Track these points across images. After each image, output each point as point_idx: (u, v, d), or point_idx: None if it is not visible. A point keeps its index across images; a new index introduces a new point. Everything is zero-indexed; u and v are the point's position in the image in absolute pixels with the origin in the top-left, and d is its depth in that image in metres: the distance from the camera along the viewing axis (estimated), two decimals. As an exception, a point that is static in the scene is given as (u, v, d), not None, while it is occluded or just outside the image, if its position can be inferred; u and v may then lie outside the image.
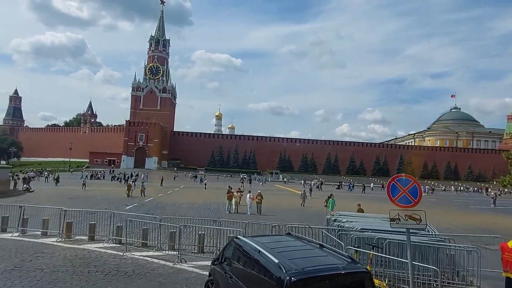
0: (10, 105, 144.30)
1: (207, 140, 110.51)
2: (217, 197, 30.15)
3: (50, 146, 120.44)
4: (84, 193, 29.63)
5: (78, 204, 21.61)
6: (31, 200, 23.99)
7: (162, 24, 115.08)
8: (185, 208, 20.85)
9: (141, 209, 19.87)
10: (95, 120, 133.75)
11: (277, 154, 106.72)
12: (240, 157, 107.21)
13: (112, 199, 24.99)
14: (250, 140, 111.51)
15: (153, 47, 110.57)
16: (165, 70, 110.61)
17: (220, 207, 22.06)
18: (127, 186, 28.17)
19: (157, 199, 26.18)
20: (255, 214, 19.48)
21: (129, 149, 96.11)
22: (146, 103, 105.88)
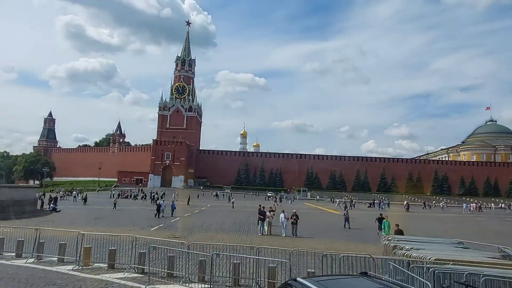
0: (44, 127, 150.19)
1: (232, 158, 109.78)
2: (246, 216, 28.49)
3: (81, 165, 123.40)
4: (109, 213, 28.80)
5: (103, 224, 20.56)
6: (57, 220, 23.26)
7: (188, 45, 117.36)
8: (214, 229, 19.29)
9: (167, 230, 18.50)
10: (124, 140, 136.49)
11: (304, 172, 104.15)
12: (266, 175, 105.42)
13: (138, 220, 23.84)
14: (276, 157, 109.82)
15: (179, 67, 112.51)
16: (191, 89, 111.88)
17: (251, 228, 20.34)
18: (157, 207, 26.65)
19: (184, 219, 24.82)
20: (290, 236, 17.63)
21: (156, 168, 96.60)
22: (172, 122, 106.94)
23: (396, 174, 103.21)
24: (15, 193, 25.93)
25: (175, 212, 27.27)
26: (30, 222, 22.31)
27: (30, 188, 30.20)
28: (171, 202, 29.66)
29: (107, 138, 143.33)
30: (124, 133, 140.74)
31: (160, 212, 25.69)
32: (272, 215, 18.71)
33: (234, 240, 15.58)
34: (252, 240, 16.24)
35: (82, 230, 18.56)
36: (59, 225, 20.54)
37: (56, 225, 20.72)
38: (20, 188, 27.99)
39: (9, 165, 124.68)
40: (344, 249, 11.50)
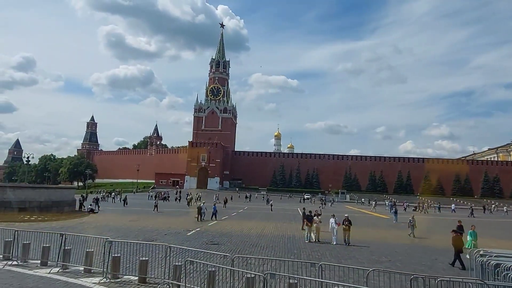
0: (87, 131, 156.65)
1: (268, 160, 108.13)
2: (287, 220, 26.58)
3: (120, 167, 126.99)
4: (146, 215, 27.99)
5: (137, 227, 19.51)
6: (93, 221, 22.62)
7: (222, 47, 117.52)
8: (255, 236, 17.54)
9: (204, 236, 17.00)
10: (161, 142, 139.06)
11: (342, 173, 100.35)
12: (302, 177, 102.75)
13: (175, 222, 22.62)
14: (312, 158, 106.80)
15: (214, 69, 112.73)
16: (226, 91, 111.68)
17: (296, 235, 18.40)
18: (197, 209, 24.80)
19: (221, 223, 23.30)
20: (342, 244, 15.53)
21: (191, 169, 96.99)
22: (207, 124, 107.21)
23: (442, 175, 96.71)
24: (54, 194, 25.79)
25: (216, 216, 25.55)
26: (67, 222, 21.83)
27: (69, 189, 30.16)
28: (212, 205, 27.86)
29: (145, 141, 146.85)
30: (161, 136, 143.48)
31: (201, 215, 24.22)
32: (319, 220, 16.69)
33: (280, 250, 13.75)
34: (299, 248, 14.35)
35: (116, 233, 17.68)
36: (94, 227, 19.76)
37: (91, 227, 19.97)
38: (58, 189, 27.97)
39: (56, 167, 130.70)
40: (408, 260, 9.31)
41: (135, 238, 15.53)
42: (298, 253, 13.20)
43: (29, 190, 24.70)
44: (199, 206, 25.04)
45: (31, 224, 20.52)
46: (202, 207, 24.75)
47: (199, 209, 24.61)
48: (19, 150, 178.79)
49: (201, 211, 24.37)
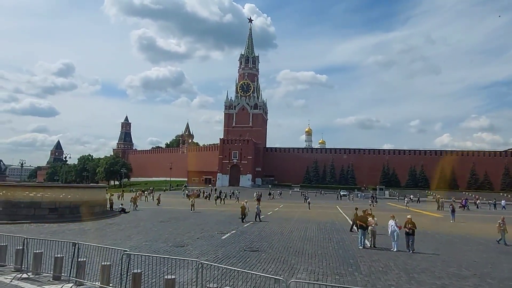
0: (122, 131, 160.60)
1: (300, 156, 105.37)
2: (329, 220, 24.18)
3: (154, 166, 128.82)
4: (178, 215, 26.63)
5: (168, 230, 17.94)
6: (123, 222, 21.41)
7: (251, 42, 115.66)
8: (298, 240, 15.36)
9: (241, 240, 15.06)
10: (192, 141, 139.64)
11: (379, 168, 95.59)
12: (337, 172, 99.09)
13: (209, 223, 20.91)
14: (347, 153, 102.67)
15: (243, 65, 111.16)
16: (256, 87, 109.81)
17: (345, 238, 16.02)
18: (241, 208, 22.40)
19: (258, 223, 21.32)
20: (404, 251, 13.05)
21: (224, 167, 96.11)
22: (238, 121, 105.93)
23: (490, 169, 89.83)
24: (84, 193, 24.92)
25: (259, 216, 22.93)
26: (97, 224, 20.74)
27: (99, 188, 29.35)
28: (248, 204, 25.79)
29: (177, 139, 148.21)
30: (193, 134, 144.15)
31: (245, 215, 22.11)
32: (375, 222, 14.26)
33: (333, 259, 11.52)
34: (354, 256, 12.06)
35: (145, 236, 16.16)
36: (122, 229, 18.43)
37: (119, 229, 18.66)
38: (88, 189, 27.21)
39: (94, 166, 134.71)
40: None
41: (165, 243, 13.90)
42: (355, 263, 10.93)
43: (59, 190, 23.91)
44: (243, 205, 22.78)
45: (60, 226, 19.57)
46: (246, 206, 22.57)
47: (243, 208, 22.36)
48: (60, 151, 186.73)
49: (245, 210, 22.18)
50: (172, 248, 12.75)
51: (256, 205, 23.36)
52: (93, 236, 15.77)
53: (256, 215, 22.60)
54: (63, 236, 15.91)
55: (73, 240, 14.79)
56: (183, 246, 13.24)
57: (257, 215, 22.60)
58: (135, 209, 29.88)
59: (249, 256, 11.53)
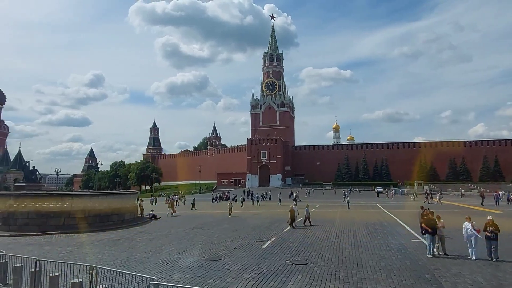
0: (150, 136, 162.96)
1: (330, 153, 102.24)
2: (375, 220, 21.86)
3: (183, 170, 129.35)
4: (212, 220, 25.16)
5: (201, 237, 16.41)
6: (153, 230, 20.14)
7: (274, 40, 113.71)
8: (351, 247, 13.26)
9: (284, 249, 13.20)
10: (220, 143, 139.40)
11: (415, 162, 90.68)
12: (370, 168, 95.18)
13: (246, 230, 19.18)
14: (379, 148, 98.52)
15: (267, 63, 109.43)
16: (281, 84, 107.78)
17: (407, 245, 13.54)
18: (290, 212, 19.69)
19: (299, 227, 19.32)
20: (487, 259, 10.76)
21: (252, 167, 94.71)
22: (265, 120, 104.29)
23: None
24: (114, 201, 23.95)
25: (310, 220, 20.53)
26: (127, 232, 19.60)
27: (129, 194, 28.40)
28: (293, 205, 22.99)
29: (205, 142, 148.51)
30: (220, 136, 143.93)
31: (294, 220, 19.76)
32: (443, 224, 11.99)
33: (403, 273, 9.41)
34: (427, 268, 9.91)
35: (177, 246, 14.64)
36: (153, 238, 17.07)
37: (150, 237, 17.33)
38: (118, 195, 26.30)
39: (125, 172, 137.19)
40: None
41: (199, 255, 12.29)
42: (433, 279, 8.83)
43: (88, 198, 23.07)
44: (292, 208, 20.29)
45: (90, 235, 18.52)
46: (295, 209, 20.14)
47: (292, 212, 19.66)
48: (94, 158, 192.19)
49: (294, 214, 19.75)
50: (208, 262, 11.11)
51: (305, 207, 21.03)
52: (122, 248, 14.46)
53: (306, 218, 20.33)
54: (91, 247, 14.75)
55: (102, 251, 13.58)
56: (220, 259, 11.57)
57: (307, 219, 20.32)
58: (172, 215, 28.40)
59: (300, 271, 9.67)
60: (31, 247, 15.43)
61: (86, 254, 13.21)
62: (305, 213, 20.30)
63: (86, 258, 12.59)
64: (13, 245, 16.34)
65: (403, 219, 21.89)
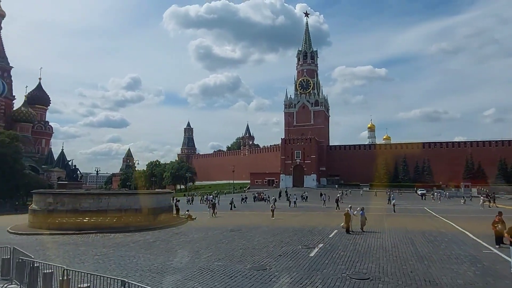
0: (185, 136, 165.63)
1: (366, 153, 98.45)
2: (431, 227, 19.74)
3: (216, 169, 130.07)
4: (250, 222, 24.08)
5: (241, 241, 15.27)
6: (190, 232, 19.31)
7: (308, 37, 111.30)
8: (412, 257, 11.44)
9: (337, 258, 11.72)
10: (253, 142, 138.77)
11: (461, 163, 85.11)
12: (410, 169, 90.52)
13: (288, 235, 17.84)
14: (420, 148, 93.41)
15: (301, 61, 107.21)
16: (316, 83, 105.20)
17: (476, 255, 11.85)
18: (345, 216, 17.77)
19: (348, 235, 17.53)
20: None
21: (286, 167, 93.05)
22: (299, 119, 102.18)
23: None
24: (149, 200, 23.47)
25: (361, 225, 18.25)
26: (163, 233, 18.89)
27: (164, 194, 27.91)
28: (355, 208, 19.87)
29: (238, 142, 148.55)
30: (253, 135, 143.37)
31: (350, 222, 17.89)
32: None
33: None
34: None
35: (215, 252, 12.99)
36: (190, 241, 16.16)
37: (186, 240, 16.46)
38: (154, 195, 25.84)
39: (161, 172, 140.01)
40: None
41: (241, 263, 11.12)
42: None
43: (124, 197, 22.70)
44: (347, 211, 18.19)
45: (126, 236, 17.98)
46: (351, 213, 18.10)
47: (348, 216, 17.73)
48: (131, 158, 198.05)
49: (350, 218, 17.75)
50: (252, 272, 9.89)
51: (360, 210, 18.92)
52: (158, 251, 13.62)
53: (362, 224, 18.28)
54: (127, 250, 14.04)
55: (138, 254, 12.75)
56: (265, 268, 10.32)
57: (363, 226, 18.30)
58: (214, 216, 27.44)
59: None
60: (67, 247, 15.00)
61: (121, 258, 12.45)
62: (360, 216, 18.28)
63: (121, 262, 11.80)
64: (51, 244, 16.05)
65: (463, 225, 19.63)
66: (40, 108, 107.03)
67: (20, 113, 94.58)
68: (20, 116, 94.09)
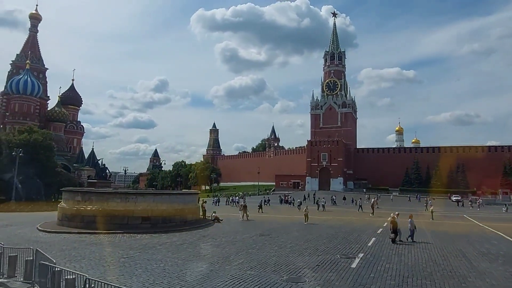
0: (210, 137, 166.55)
1: (396, 157, 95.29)
2: (480, 237, 18.03)
3: (241, 171, 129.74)
4: (280, 227, 23.11)
5: (273, 247, 14.29)
6: (218, 235, 18.55)
7: (335, 38, 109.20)
8: (471, 275, 9.84)
9: (382, 271, 10.53)
10: (278, 144, 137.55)
11: (498, 168, 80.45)
12: (443, 174, 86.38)
13: (322, 238, 16.76)
14: (453, 152, 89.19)
15: (329, 62, 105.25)
16: (343, 84, 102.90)
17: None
18: (392, 223, 15.77)
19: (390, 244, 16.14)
20: None
21: (312, 170, 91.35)
22: (326, 121, 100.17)
23: None
24: (176, 200, 22.94)
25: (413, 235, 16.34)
26: (190, 236, 18.24)
27: (192, 194, 27.32)
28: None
29: (263, 144, 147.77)
30: (278, 137, 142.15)
31: (399, 234, 15.91)
32: None
33: None
34: None
35: (246, 259, 11.67)
36: (217, 245, 15.36)
37: (214, 244, 15.68)
38: (180, 195, 25.29)
39: (186, 172, 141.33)
40: None
41: (275, 272, 10.19)
42: None
43: (151, 197, 22.27)
44: (393, 218, 15.85)
45: (152, 237, 17.46)
46: (397, 221, 16.01)
47: (395, 223, 15.61)
48: (158, 158, 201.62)
49: (397, 226, 15.64)
50: (290, 285, 8.94)
51: (409, 218, 16.97)
52: (186, 255, 12.91)
53: (411, 233, 16.30)
54: (153, 252, 13.43)
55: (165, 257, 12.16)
56: (304, 281, 9.34)
57: (411, 234, 16.30)
58: (246, 219, 25.93)
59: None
60: (94, 248, 14.58)
61: (148, 262, 11.81)
62: (409, 225, 16.53)
63: (148, 266, 11.16)
64: (77, 243, 15.71)
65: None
66: (73, 108, 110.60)
67: (54, 113, 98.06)
68: (53, 116, 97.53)
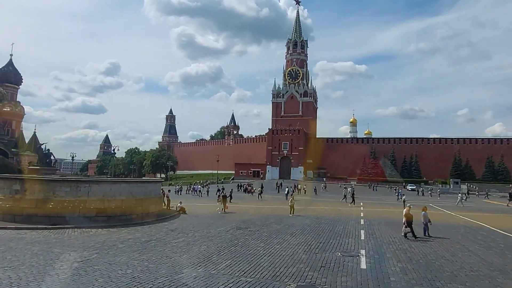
0: (166, 124, 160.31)
1: (353, 147, 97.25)
2: (469, 228, 17.38)
3: (199, 159, 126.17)
4: (257, 220, 21.14)
5: (259, 244, 12.24)
6: (187, 229, 16.16)
7: (298, 26, 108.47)
8: (496, 273, 8.95)
9: (399, 274, 8.90)
10: (238, 132, 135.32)
11: (449, 159, 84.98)
12: (398, 164, 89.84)
13: (307, 231, 15.00)
14: (408, 143, 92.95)
15: (291, 50, 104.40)
16: (305, 73, 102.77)
17: None
18: (406, 216, 14.15)
19: (388, 238, 14.80)
20: None
21: (273, 158, 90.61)
22: (287, 110, 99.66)
23: None
24: (137, 189, 20.04)
25: (427, 231, 14.60)
26: (155, 230, 15.67)
27: (154, 182, 24.45)
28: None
29: (222, 131, 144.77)
30: (238, 125, 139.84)
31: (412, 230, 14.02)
32: None
33: None
34: None
35: (233, 257, 10.30)
36: (193, 240, 12.96)
37: (189, 239, 13.30)
38: (142, 184, 22.42)
39: (140, 159, 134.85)
40: None
41: (278, 278, 8.15)
42: None
43: (108, 185, 19.22)
44: (407, 211, 14.31)
45: (110, 232, 14.69)
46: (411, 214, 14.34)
47: (409, 216, 14.06)
48: (109, 145, 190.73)
49: (411, 220, 14.04)
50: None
51: (422, 211, 15.02)
52: (157, 257, 10.45)
53: (425, 229, 14.59)
54: (115, 253, 10.78)
55: (131, 260, 9.69)
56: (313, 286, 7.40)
57: (426, 229, 14.59)
58: (224, 212, 22.60)
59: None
60: (37, 247, 11.56)
61: (110, 266, 9.22)
62: (422, 219, 14.74)
63: (111, 274, 8.56)
64: (15, 242, 12.45)
65: (497, 224, 17.42)
66: (11, 87, 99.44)
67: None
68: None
